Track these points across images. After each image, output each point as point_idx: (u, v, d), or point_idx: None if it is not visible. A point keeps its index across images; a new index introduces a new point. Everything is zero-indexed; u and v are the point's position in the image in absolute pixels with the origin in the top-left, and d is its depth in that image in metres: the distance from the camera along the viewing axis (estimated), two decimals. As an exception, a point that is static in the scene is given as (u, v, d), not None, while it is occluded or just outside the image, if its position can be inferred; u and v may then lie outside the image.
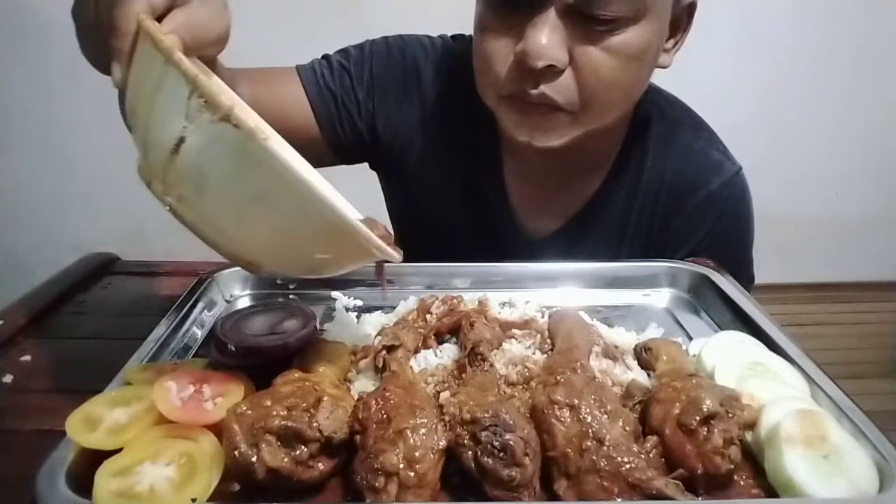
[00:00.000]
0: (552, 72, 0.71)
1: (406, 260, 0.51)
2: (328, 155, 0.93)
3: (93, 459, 0.44)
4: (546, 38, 0.69)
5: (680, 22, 0.80)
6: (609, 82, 0.73)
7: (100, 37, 0.48)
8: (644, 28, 0.72)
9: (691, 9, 0.80)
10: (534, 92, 0.73)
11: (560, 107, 0.74)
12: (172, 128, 0.42)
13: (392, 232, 0.49)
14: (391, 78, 0.93)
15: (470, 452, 0.45)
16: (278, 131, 0.57)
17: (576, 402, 0.47)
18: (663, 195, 0.91)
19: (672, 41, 0.81)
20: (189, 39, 0.46)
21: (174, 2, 0.47)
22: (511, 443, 0.44)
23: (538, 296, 0.73)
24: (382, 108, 0.93)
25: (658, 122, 0.92)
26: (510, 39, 0.73)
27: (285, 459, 0.45)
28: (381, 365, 0.57)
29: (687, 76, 1.14)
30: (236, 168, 0.42)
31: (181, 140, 0.42)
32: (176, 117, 0.41)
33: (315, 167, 0.59)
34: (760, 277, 0.96)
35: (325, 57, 0.95)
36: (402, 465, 0.43)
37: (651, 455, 0.46)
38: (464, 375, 0.56)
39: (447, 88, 0.93)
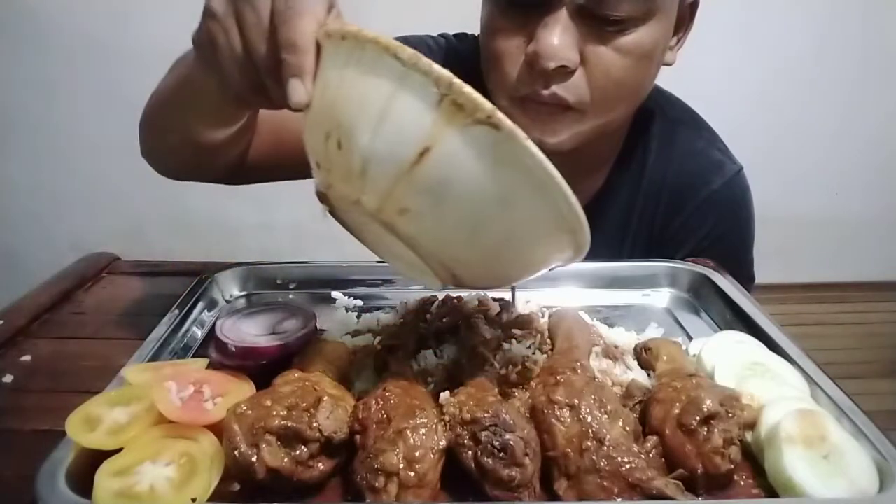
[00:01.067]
0: (564, 72, 0.72)
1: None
2: None
3: (93, 459, 0.44)
4: (558, 38, 0.69)
5: (682, 20, 0.80)
6: (619, 81, 0.74)
7: (248, 60, 0.47)
8: (653, 28, 0.72)
9: (693, 7, 0.81)
10: (545, 92, 0.73)
11: (571, 106, 0.74)
12: (414, 137, 0.40)
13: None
14: None
15: (470, 452, 0.45)
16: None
17: (576, 402, 0.47)
18: (665, 195, 0.91)
19: (675, 39, 0.81)
20: None
21: (330, 9, 0.46)
22: (511, 443, 0.44)
23: (538, 296, 0.73)
24: None
25: (659, 121, 0.92)
26: (521, 40, 0.73)
27: (285, 459, 0.45)
28: (381, 365, 0.57)
29: (687, 76, 1.14)
30: (487, 171, 0.40)
31: (426, 149, 0.39)
32: (420, 125, 0.39)
33: None
34: (761, 277, 0.96)
35: None
36: (402, 465, 0.43)
37: (651, 455, 0.46)
38: (464, 375, 0.56)
39: None
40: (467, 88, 0.38)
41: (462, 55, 0.93)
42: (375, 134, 0.41)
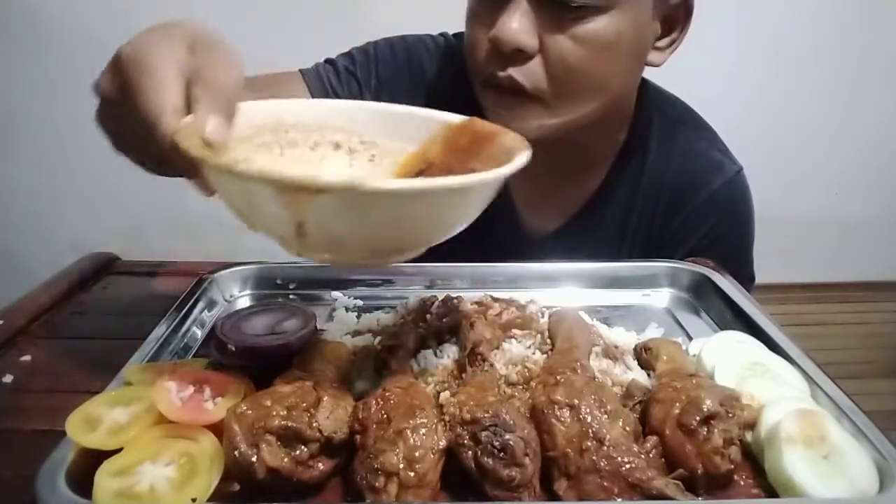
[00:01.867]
0: (521, 56, 0.74)
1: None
2: None
3: (93, 459, 0.44)
4: (516, 23, 0.72)
5: (675, 21, 0.80)
6: (576, 70, 0.75)
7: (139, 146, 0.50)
8: (614, 19, 0.73)
9: (688, 9, 0.80)
10: (501, 74, 0.75)
11: (527, 92, 0.76)
12: (283, 218, 0.43)
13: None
14: (399, 82, 0.93)
15: (470, 452, 0.45)
16: None
17: (576, 402, 0.47)
18: (664, 195, 0.91)
19: (667, 40, 0.81)
20: (228, 109, 0.47)
21: (192, 92, 0.47)
22: (511, 443, 0.44)
23: (538, 296, 0.73)
24: None
25: (659, 121, 0.92)
26: (488, 26, 0.75)
27: (285, 459, 0.45)
28: (381, 365, 0.57)
29: (687, 76, 1.14)
30: (362, 217, 0.43)
31: (301, 223, 0.43)
32: (279, 212, 0.42)
33: None
34: (761, 277, 0.96)
35: (330, 62, 0.94)
36: (402, 465, 0.43)
37: (651, 455, 0.46)
38: (464, 375, 0.56)
39: (451, 88, 0.93)
40: (291, 176, 0.40)
41: (460, 55, 0.93)
42: (256, 221, 0.46)
